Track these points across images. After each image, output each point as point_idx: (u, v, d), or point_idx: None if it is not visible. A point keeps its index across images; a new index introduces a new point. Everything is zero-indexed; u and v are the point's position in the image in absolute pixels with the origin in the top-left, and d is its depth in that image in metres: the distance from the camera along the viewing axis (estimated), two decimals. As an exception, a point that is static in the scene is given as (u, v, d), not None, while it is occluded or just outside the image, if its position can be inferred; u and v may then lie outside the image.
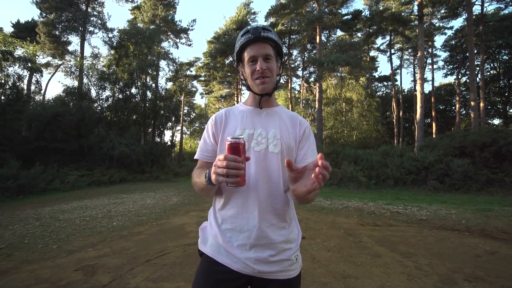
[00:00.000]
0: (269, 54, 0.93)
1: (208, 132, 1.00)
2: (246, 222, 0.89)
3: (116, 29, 19.50)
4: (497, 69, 22.98)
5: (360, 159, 11.32)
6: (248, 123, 0.96)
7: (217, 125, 0.98)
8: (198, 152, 1.01)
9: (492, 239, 3.59)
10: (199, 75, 30.06)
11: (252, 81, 0.95)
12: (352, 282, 2.40)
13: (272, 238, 0.89)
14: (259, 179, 0.90)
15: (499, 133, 9.49)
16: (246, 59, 0.94)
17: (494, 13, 18.80)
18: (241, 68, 1.01)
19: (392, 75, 24.68)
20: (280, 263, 0.89)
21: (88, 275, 2.63)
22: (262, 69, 0.91)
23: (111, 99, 17.29)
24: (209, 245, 0.94)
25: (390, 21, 18.60)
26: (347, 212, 5.57)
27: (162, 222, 4.92)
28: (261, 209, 0.89)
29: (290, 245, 0.93)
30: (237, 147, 0.74)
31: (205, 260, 0.93)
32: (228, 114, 1.01)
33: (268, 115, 1.00)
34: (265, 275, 0.88)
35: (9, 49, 14.02)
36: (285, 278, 0.90)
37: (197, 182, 0.92)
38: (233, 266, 0.88)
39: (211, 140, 0.99)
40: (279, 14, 19.38)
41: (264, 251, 0.88)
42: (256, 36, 0.91)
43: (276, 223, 0.91)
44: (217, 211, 0.96)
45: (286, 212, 0.94)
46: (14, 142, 12.68)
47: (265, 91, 0.95)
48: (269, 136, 0.94)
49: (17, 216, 5.58)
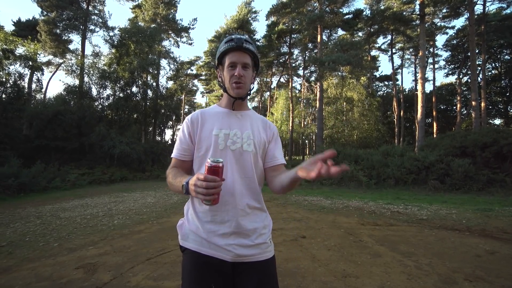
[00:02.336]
0: (247, 63, 1.03)
1: (184, 133, 1.06)
2: (226, 214, 0.98)
3: (117, 28, 19.56)
4: (499, 69, 22.92)
5: (361, 159, 11.31)
6: (224, 124, 1.05)
7: (194, 125, 1.06)
8: (174, 151, 1.07)
9: (493, 239, 3.59)
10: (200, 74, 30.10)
11: (229, 84, 1.04)
12: (352, 281, 2.40)
13: (250, 225, 1.00)
14: (235, 175, 1.00)
15: (500, 133, 9.46)
16: (227, 63, 1.03)
17: (496, 12, 18.74)
18: (220, 71, 1.10)
19: (393, 74, 24.63)
20: (258, 247, 1.00)
21: (89, 273, 2.63)
22: (240, 75, 1.01)
23: (112, 98, 17.31)
24: (191, 240, 1.00)
25: (392, 21, 18.55)
26: (347, 212, 5.58)
27: (163, 221, 4.93)
28: (238, 202, 0.98)
29: (265, 230, 1.04)
30: (216, 170, 0.80)
31: (189, 254, 1.00)
32: (204, 115, 1.08)
33: (242, 117, 1.09)
34: (246, 259, 0.98)
35: (10, 47, 14.03)
36: (263, 260, 1.00)
37: (173, 184, 0.97)
38: (216, 255, 0.96)
39: (187, 140, 1.06)
40: (280, 13, 19.35)
41: (244, 237, 0.98)
42: (239, 45, 1.00)
43: (252, 213, 1.02)
44: (196, 207, 1.02)
45: (260, 202, 1.05)
46: (15, 140, 12.71)
47: (239, 95, 1.05)
48: (243, 136, 1.04)
49: (18, 214, 5.60)
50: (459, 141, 10.07)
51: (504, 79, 22.41)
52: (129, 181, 13.30)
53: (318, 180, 0.92)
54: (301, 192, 8.82)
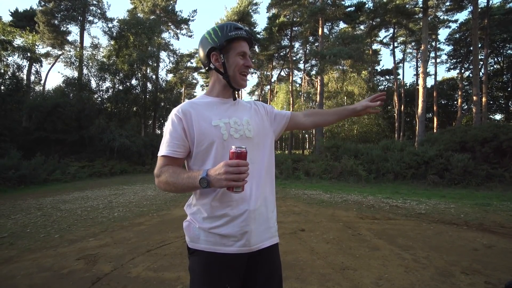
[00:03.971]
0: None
1: (176, 127, 0.94)
2: (238, 203, 0.93)
3: (116, 19, 19.26)
4: (501, 63, 22.73)
5: (361, 153, 11.31)
6: (222, 113, 0.99)
7: (187, 118, 0.94)
8: (165, 149, 0.94)
9: (490, 233, 3.62)
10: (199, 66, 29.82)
11: (235, 73, 1.00)
12: (350, 274, 2.43)
13: (264, 213, 0.99)
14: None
15: (500, 128, 9.45)
16: (237, 51, 0.98)
17: (500, 6, 18.47)
18: (220, 53, 0.97)
19: (394, 68, 24.45)
20: (268, 231, 1.00)
21: (90, 264, 2.66)
22: (251, 66, 1.00)
23: (111, 90, 17.20)
24: (203, 241, 0.93)
25: (394, 14, 18.29)
26: (346, 206, 5.61)
27: (163, 213, 4.96)
28: (253, 191, 0.95)
29: (273, 214, 1.04)
30: (243, 155, 0.80)
31: (201, 256, 0.93)
32: (196, 106, 0.98)
33: (237, 104, 1.06)
34: (261, 245, 0.96)
35: (8, 38, 13.88)
36: (271, 244, 1.00)
37: (176, 182, 0.88)
38: (233, 250, 0.92)
39: (180, 135, 0.94)
40: (281, 5, 19.06)
41: (257, 224, 0.96)
42: (250, 38, 1.01)
43: (264, 197, 0.99)
44: (207, 204, 0.93)
45: (270, 187, 1.04)
46: (15, 132, 12.69)
47: (242, 87, 1.03)
48: (243, 123, 1.00)
49: (19, 206, 5.64)
50: (459, 136, 10.06)
51: (506, 74, 22.26)
52: (129, 174, 13.34)
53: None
54: (301, 186, 8.86)
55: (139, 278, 2.38)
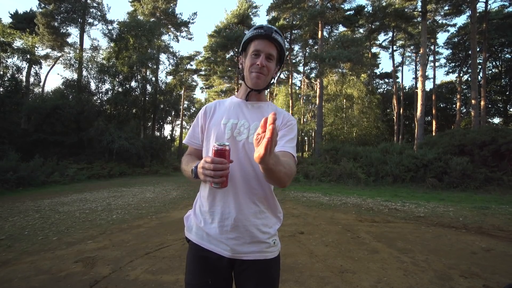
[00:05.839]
0: (272, 54, 0.98)
1: (198, 121, 1.09)
2: (227, 206, 0.95)
3: (116, 21, 19.32)
4: (499, 67, 22.86)
5: (360, 156, 11.34)
6: (233, 114, 1.02)
7: (206, 115, 1.07)
8: (186, 138, 1.12)
9: (489, 236, 3.62)
10: (199, 69, 29.88)
11: (248, 73, 1.00)
12: (349, 277, 2.43)
13: (251, 221, 0.95)
14: (239, 167, 0.96)
15: (499, 132, 9.49)
16: (251, 51, 0.98)
17: (498, 10, 18.64)
18: (242, 58, 1.06)
19: (393, 72, 24.54)
20: (257, 245, 0.95)
21: (88, 267, 2.65)
22: (262, 65, 0.96)
23: (111, 92, 17.17)
24: (194, 232, 1.02)
25: (393, 17, 18.41)
26: (345, 208, 5.60)
27: (162, 216, 4.94)
28: (240, 194, 0.95)
29: (268, 229, 0.98)
30: (223, 153, 0.80)
31: (192, 246, 1.02)
32: (219, 105, 1.09)
33: (254, 108, 1.04)
34: (244, 256, 0.94)
35: (7, 40, 13.88)
36: (262, 259, 0.95)
37: (185, 170, 1.01)
38: (216, 249, 0.95)
39: (199, 128, 1.08)
40: (281, 8, 19.16)
41: (243, 233, 0.94)
42: (267, 34, 0.96)
43: (254, 207, 0.96)
44: (201, 197, 1.03)
45: (264, 198, 0.99)
46: (14, 134, 12.64)
47: (256, 87, 1.00)
48: (251, 127, 0.98)
49: (17, 208, 5.60)
50: (458, 139, 10.10)
51: (505, 78, 22.37)
52: (128, 176, 13.30)
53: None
54: (300, 189, 8.85)
55: (137, 281, 2.37)
